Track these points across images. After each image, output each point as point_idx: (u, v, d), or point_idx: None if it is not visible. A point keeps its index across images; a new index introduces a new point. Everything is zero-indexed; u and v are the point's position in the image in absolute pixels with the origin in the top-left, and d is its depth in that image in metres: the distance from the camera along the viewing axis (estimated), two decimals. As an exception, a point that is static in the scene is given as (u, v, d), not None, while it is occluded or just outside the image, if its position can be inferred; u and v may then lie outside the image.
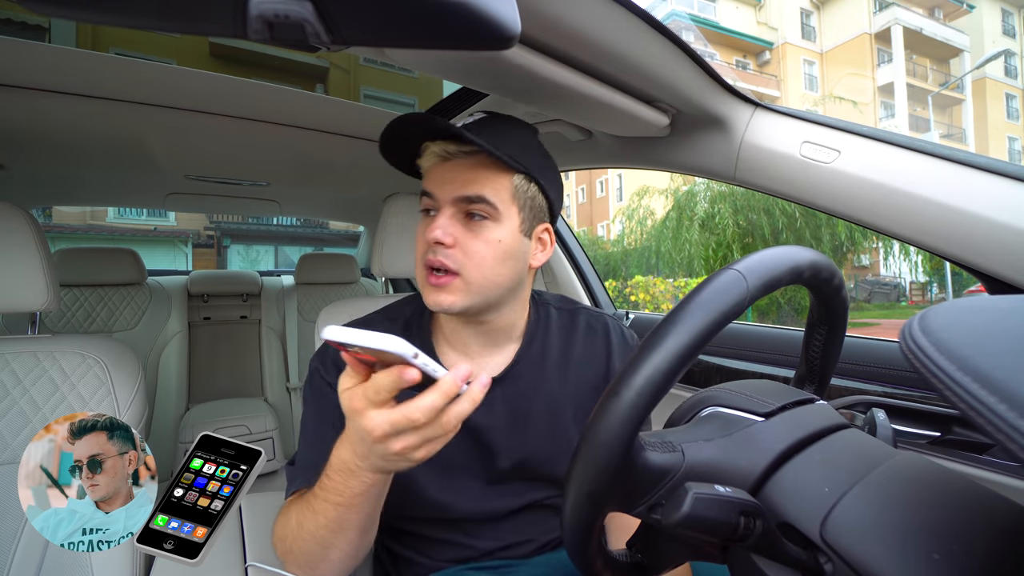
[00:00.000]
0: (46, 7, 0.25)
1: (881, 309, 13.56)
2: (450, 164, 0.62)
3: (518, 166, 0.62)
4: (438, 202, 0.63)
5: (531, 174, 0.64)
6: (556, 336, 0.74)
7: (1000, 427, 0.20)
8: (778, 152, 0.73)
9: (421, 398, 0.42)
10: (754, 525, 0.33)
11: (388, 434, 0.43)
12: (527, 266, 0.68)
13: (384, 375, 0.41)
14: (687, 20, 17.47)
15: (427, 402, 0.42)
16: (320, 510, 0.52)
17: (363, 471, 0.48)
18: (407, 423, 0.42)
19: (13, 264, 0.81)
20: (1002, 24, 21.98)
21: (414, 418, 0.42)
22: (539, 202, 0.67)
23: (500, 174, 0.62)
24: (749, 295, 0.37)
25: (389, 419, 0.42)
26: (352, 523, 0.52)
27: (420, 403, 0.42)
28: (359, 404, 0.43)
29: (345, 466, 0.49)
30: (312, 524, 0.53)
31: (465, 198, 0.61)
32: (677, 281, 9.98)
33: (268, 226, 14.12)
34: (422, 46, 0.29)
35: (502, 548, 0.70)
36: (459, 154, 0.62)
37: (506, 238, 0.63)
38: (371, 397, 0.42)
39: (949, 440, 0.74)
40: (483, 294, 0.63)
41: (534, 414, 0.70)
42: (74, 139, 1.15)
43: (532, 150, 0.66)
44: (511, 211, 0.63)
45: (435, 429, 0.43)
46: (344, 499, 0.50)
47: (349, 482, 0.49)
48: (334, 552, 0.55)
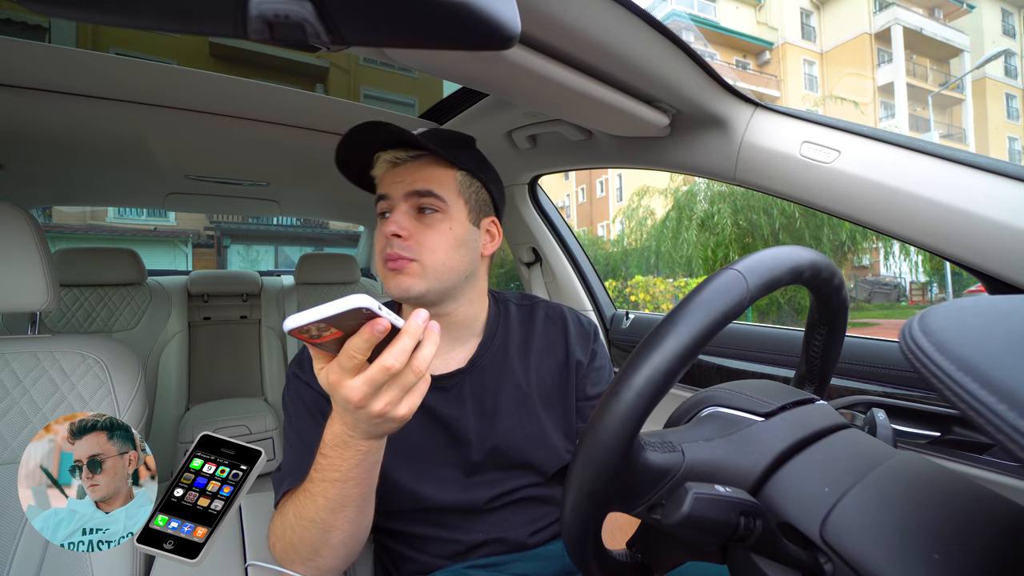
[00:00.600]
0: (46, 7, 0.25)
1: (881, 309, 13.56)
2: (400, 168, 0.70)
3: (460, 163, 0.71)
4: (392, 201, 0.69)
5: (473, 171, 0.72)
6: (516, 328, 0.80)
7: (1000, 427, 0.20)
8: (778, 152, 0.73)
9: (392, 346, 0.44)
10: (754, 525, 0.33)
11: (368, 394, 0.45)
12: (479, 254, 0.74)
13: (355, 338, 0.43)
14: (687, 20, 17.47)
15: (398, 346, 0.44)
16: (318, 492, 0.54)
17: (356, 440, 0.50)
18: (383, 374, 0.44)
19: (13, 264, 0.81)
20: (1002, 24, 21.98)
21: (388, 364, 0.44)
22: (483, 196, 0.74)
23: (445, 171, 0.70)
24: (749, 295, 0.37)
25: (365, 378, 0.44)
26: (351, 498, 0.54)
27: (392, 350, 0.44)
28: (335, 376, 0.45)
29: (339, 440, 0.51)
30: (312, 509, 0.55)
31: (415, 192, 0.68)
32: (677, 281, 9.97)
33: (268, 226, 14.12)
34: (422, 46, 0.29)
35: (488, 542, 0.71)
36: (408, 159, 0.70)
37: (456, 227, 0.70)
38: (346, 364, 0.44)
39: (949, 440, 0.74)
40: (440, 279, 0.68)
41: (501, 403, 0.74)
42: (74, 139, 1.15)
43: (472, 153, 0.75)
44: (458, 203, 0.70)
45: (408, 375, 0.45)
46: (341, 473, 0.52)
47: (344, 454, 0.51)
48: (335, 534, 0.56)
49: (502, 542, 0.72)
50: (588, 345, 0.81)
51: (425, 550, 0.72)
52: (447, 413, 0.72)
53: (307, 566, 0.58)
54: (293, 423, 0.70)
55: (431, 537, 0.72)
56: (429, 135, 0.70)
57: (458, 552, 0.71)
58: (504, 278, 9.05)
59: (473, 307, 0.76)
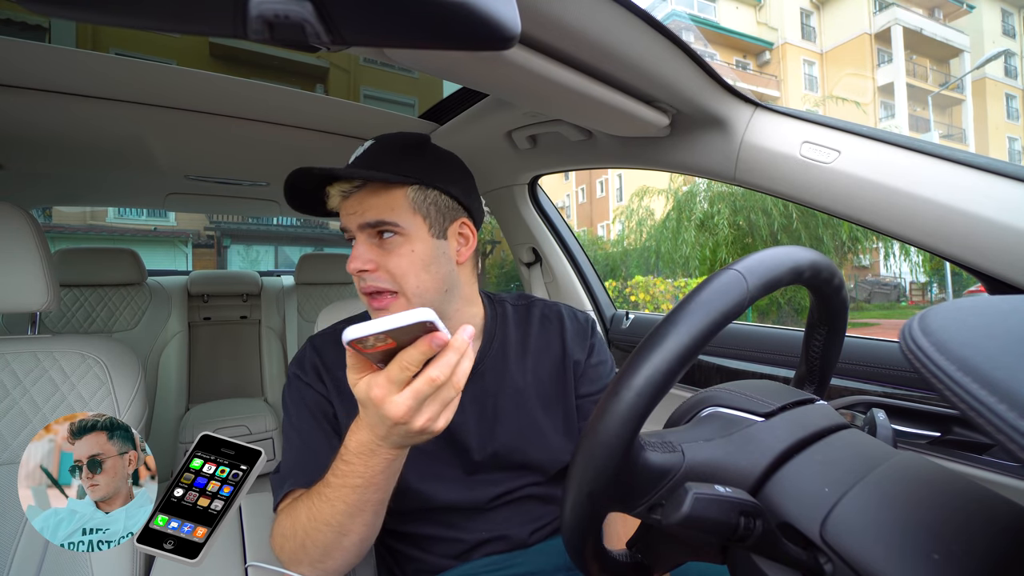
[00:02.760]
0: (46, 7, 0.25)
1: (881, 309, 13.56)
2: (351, 199, 0.66)
3: (406, 179, 0.65)
4: (352, 232, 0.67)
5: (423, 182, 0.66)
6: (514, 330, 0.79)
7: (1000, 427, 0.20)
8: (778, 152, 0.73)
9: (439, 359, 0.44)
10: (754, 525, 0.33)
11: (412, 408, 0.45)
12: (454, 264, 0.70)
13: (411, 350, 0.43)
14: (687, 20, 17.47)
15: (444, 360, 0.44)
16: (337, 497, 0.53)
17: (384, 448, 0.50)
18: (429, 386, 0.44)
19: (13, 264, 0.81)
20: (1002, 24, 21.98)
21: (434, 376, 0.44)
22: (443, 202, 0.69)
23: (394, 193, 0.65)
24: (749, 295, 0.37)
25: (412, 391, 0.44)
26: (371, 503, 0.54)
27: (440, 363, 0.44)
28: (380, 392, 0.45)
29: (365, 448, 0.50)
30: (328, 512, 0.54)
31: (367, 224, 0.65)
32: (677, 281, 9.96)
33: (268, 226, 14.12)
34: (422, 46, 0.29)
35: (491, 540, 0.71)
36: (353, 189, 0.66)
37: (419, 247, 0.66)
38: (397, 376, 0.44)
39: (949, 440, 0.74)
40: (423, 302, 0.67)
41: (501, 407, 0.74)
42: (74, 139, 1.15)
43: (427, 158, 0.70)
44: (415, 221, 0.66)
45: (449, 390, 0.46)
46: (364, 480, 0.52)
47: (370, 462, 0.51)
48: (349, 538, 0.56)
49: (504, 540, 0.72)
50: (585, 341, 0.80)
51: (428, 549, 0.72)
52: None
53: (315, 567, 0.58)
54: (294, 423, 0.69)
55: (434, 537, 0.72)
56: (376, 152, 0.67)
57: (461, 551, 0.71)
58: (504, 278, 9.05)
59: (464, 315, 0.74)
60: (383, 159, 0.66)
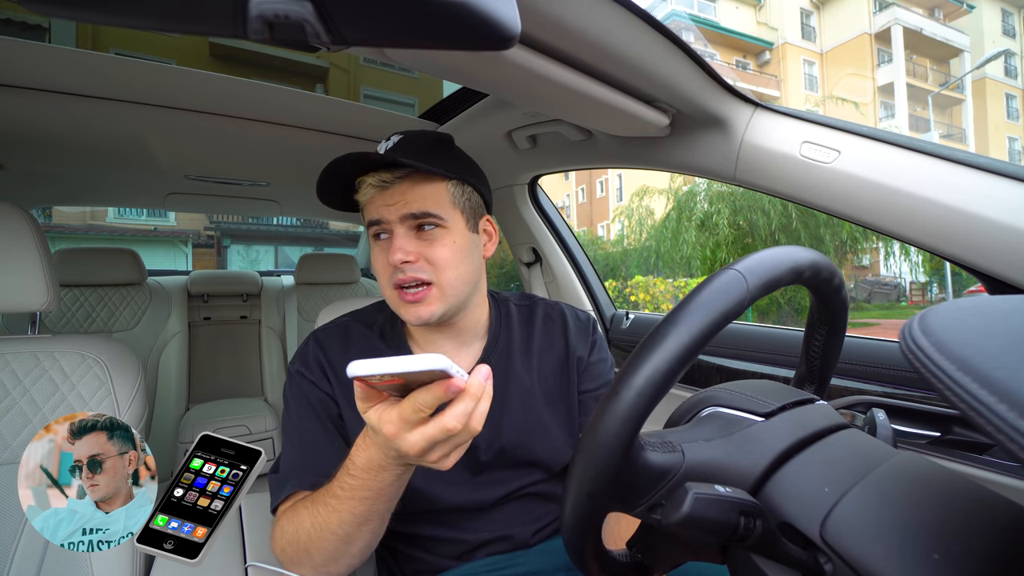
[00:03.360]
0: (46, 7, 0.25)
1: (881, 309, 13.55)
2: (390, 190, 0.66)
3: (450, 174, 0.68)
4: (388, 225, 0.67)
5: (462, 178, 0.70)
6: (518, 329, 0.80)
7: (1000, 427, 0.20)
8: (778, 152, 0.73)
9: (454, 407, 0.42)
10: (754, 525, 0.33)
11: (424, 449, 0.43)
12: (482, 258, 0.75)
13: (424, 393, 0.41)
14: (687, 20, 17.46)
15: (461, 409, 0.42)
16: (345, 508, 0.53)
17: (394, 465, 0.49)
18: (443, 434, 0.43)
19: (13, 264, 0.81)
20: (1002, 24, 21.97)
21: (450, 427, 0.42)
22: (475, 199, 0.72)
23: (436, 186, 0.67)
24: (749, 295, 0.37)
25: (424, 435, 0.43)
26: (379, 512, 0.54)
27: (455, 412, 0.42)
28: (392, 429, 0.43)
29: (374, 464, 0.49)
30: (336, 522, 0.54)
31: (412, 215, 0.66)
32: (677, 281, 9.96)
33: (268, 226, 14.12)
34: (422, 46, 0.29)
35: (493, 540, 0.71)
36: (394, 180, 0.66)
37: (459, 239, 0.68)
38: (410, 418, 0.42)
39: (949, 440, 0.74)
40: (456, 295, 0.68)
41: (507, 404, 0.74)
42: (74, 139, 1.15)
43: (456, 155, 0.72)
44: (455, 215, 0.68)
45: (464, 435, 0.44)
46: (372, 493, 0.51)
47: (380, 476, 0.50)
48: (355, 544, 0.56)
49: (506, 540, 0.72)
50: (587, 339, 0.82)
51: (431, 550, 0.72)
52: None
53: (318, 571, 0.58)
54: (295, 422, 0.69)
55: (437, 537, 0.72)
56: (407, 145, 0.67)
57: (463, 552, 0.71)
58: (504, 278, 9.04)
59: (478, 310, 0.76)
60: (419, 153, 0.66)
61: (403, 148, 0.67)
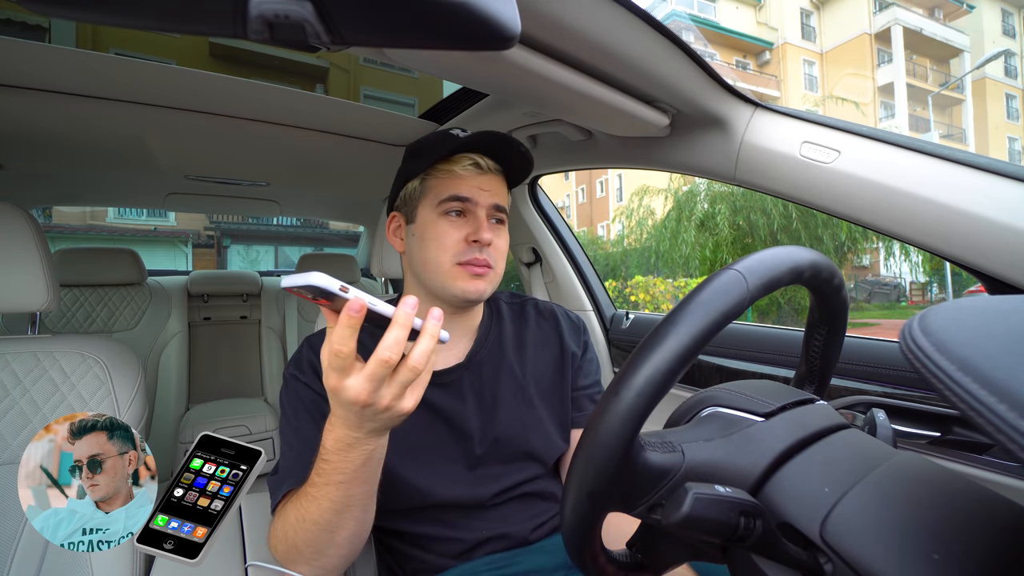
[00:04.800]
0: (46, 7, 0.25)
1: (881, 309, 13.56)
2: (486, 176, 0.72)
3: (512, 182, 0.76)
4: (474, 206, 0.71)
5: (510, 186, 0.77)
6: (509, 324, 0.83)
7: (1000, 427, 0.20)
8: (778, 152, 0.73)
9: (384, 338, 0.43)
10: (754, 525, 0.33)
11: (371, 391, 0.44)
12: None
13: (337, 328, 0.42)
14: (687, 20, 17.46)
15: (390, 338, 0.43)
16: (322, 495, 0.53)
17: (361, 441, 0.50)
18: (382, 367, 0.43)
19: (13, 264, 0.81)
20: (1002, 24, 21.98)
21: (384, 357, 0.43)
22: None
23: (504, 185, 0.76)
24: (749, 295, 0.37)
25: (366, 374, 0.44)
26: (356, 498, 0.54)
27: (384, 343, 0.43)
28: (333, 381, 0.45)
29: (341, 443, 0.50)
30: (315, 511, 0.55)
31: (496, 206, 0.73)
32: (677, 281, 9.96)
33: (268, 226, 14.12)
34: (422, 46, 0.29)
35: (492, 538, 0.72)
36: (493, 169, 0.73)
37: (507, 236, 0.76)
38: (336, 364, 0.44)
39: (949, 440, 0.74)
40: (497, 284, 0.74)
41: (500, 396, 0.76)
42: (74, 139, 1.15)
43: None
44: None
45: (407, 372, 0.45)
46: (346, 476, 0.52)
47: (349, 456, 0.51)
48: (340, 533, 0.56)
49: (505, 538, 0.72)
50: (580, 338, 0.85)
51: (430, 549, 0.72)
52: (449, 407, 0.73)
53: (311, 566, 0.58)
54: (292, 424, 0.70)
55: (436, 536, 0.72)
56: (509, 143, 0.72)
57: (462, 551, 0.71)
58: (504, 278, 9.04)
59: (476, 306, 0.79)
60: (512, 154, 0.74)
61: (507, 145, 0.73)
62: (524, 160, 0.74)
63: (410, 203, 0.74)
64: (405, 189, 0.75)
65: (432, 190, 0.72)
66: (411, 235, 0.75)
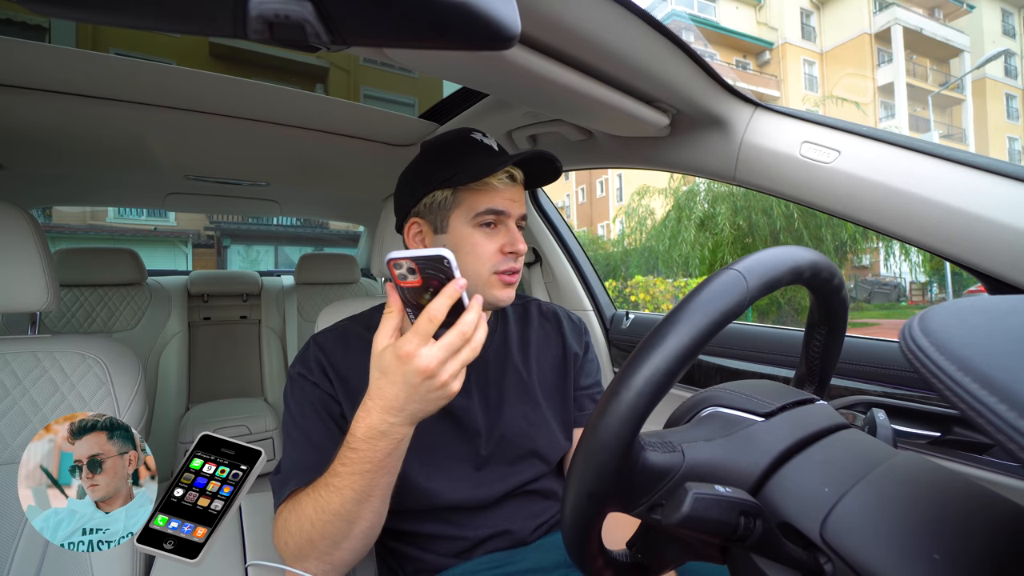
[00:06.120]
0: (46, 7, 0.25)
1: (881, 309, 13.55)
2: (516, 188, 0.73)
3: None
4: (508, 217, 0.72)
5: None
6: (514, 325, 0.84)
7: (1000, 427, 0.20)
8: (778, 152, 0.73)
9: (464, 316, 0.50)
10: (754, 525, 0.33)
11: (441, 361, 0.49)
12: None
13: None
14: (687, 20, 17.46)
15: (470, 318, 0.50)
16: (345, 485, 0.55)
17: (395, 428, 0.53)
18: (460, 339, 0.50)
19: (13, 264, 0.81)
20: (1002, 24, 21.98)
21: (466, 331, 0.50)
22: None
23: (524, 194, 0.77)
24: (749, 295, 0.37)
25: (443, 343, 0.50)
26: (379, 487, 0.56)
27: (465, 320, 0.50)
28: (411, 347, 0.49)
29: (374, 431, 0.53)
30: (337, 502, 0.55)
31: (523, 216, 0.75)
32: (677, 281, 9.96)
33: (268, 226, 14.12)
34: (422, 46, 0.29)
35: (492, 536, 0.72)
36: (521, 179, 0.75)
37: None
38: (424, 329, 0.49)
39: (949, 440, 0.74)
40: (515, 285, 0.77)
41: (505, 394, 0.77)
42: (74, 139, 1.15)
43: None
44: None
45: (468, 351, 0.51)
46: (373, 464, 0.54)
47: (379, 444, 0.53)
48: (359, 525, 0.57)
49: (506, 536, 0.73)
50: (582, 339, 0.87)
51: (431, 548, 0.72)
52: (456, 405, 0.74)
53: (322, 560, 0.58)
54: (297, 422, 0.69)
55: (437, 535, 0.72)
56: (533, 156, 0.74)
57: (463, 549, 0.71)
58: (504, 278, 9.00)
59: None
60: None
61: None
62: (556, 176, 0.77)
63: (439, 212, 0.72)
64: (432, 197, 0.71)
65: (467, 202, 0.70)
66: (440, 244, 0.73)
